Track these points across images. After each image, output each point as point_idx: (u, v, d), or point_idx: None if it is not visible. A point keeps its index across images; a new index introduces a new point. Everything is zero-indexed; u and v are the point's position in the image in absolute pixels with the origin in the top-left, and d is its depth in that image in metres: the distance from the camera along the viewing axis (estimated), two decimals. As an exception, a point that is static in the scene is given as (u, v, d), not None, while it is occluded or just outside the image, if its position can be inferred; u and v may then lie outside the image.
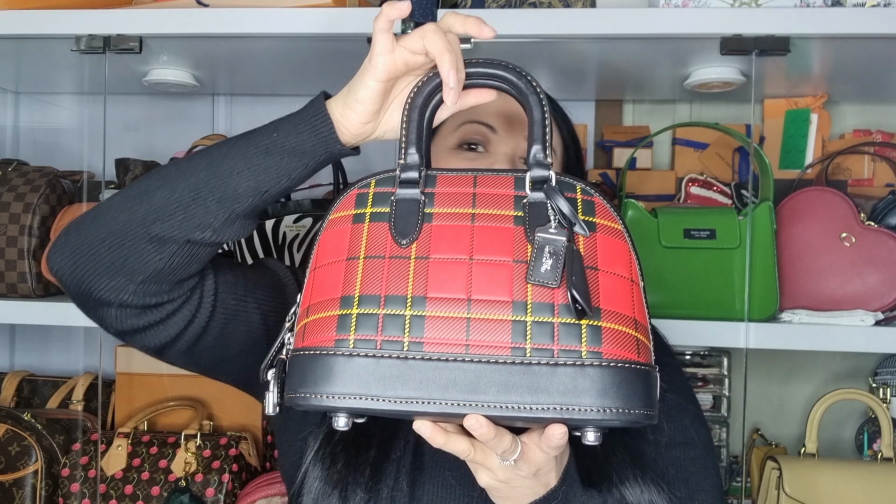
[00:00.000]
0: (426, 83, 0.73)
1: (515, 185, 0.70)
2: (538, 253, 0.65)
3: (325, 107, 0.75)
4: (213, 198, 0.74)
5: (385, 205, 0.70)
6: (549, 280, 0.64)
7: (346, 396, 0.64)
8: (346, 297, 0.67)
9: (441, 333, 0.64)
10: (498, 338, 0.63)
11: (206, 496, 1.33)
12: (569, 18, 1.18)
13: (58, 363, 1.73)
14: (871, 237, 1.23)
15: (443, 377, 0.63)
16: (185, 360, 0.84)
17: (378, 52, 0.71)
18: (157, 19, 1.25)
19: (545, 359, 0.63)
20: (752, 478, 1.43)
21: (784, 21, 1.14)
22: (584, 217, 0.68)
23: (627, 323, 0.65)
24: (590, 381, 0.62)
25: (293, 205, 1.35)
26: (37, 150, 1.78)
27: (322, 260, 0.71)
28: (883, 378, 1.44)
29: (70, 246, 0.76)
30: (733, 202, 1.43)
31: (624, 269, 0.67)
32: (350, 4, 1.28)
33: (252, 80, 1.57)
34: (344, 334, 0.65)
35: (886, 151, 1.46)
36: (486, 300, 0.64)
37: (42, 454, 1.39)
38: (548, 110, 0.70)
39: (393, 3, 0.71)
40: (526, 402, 0.62)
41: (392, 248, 0.68)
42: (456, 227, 0.68)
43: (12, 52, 1.41)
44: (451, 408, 0.63)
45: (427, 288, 0.65)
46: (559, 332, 0.63)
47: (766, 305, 1.21)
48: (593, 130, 1.64)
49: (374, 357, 0.64)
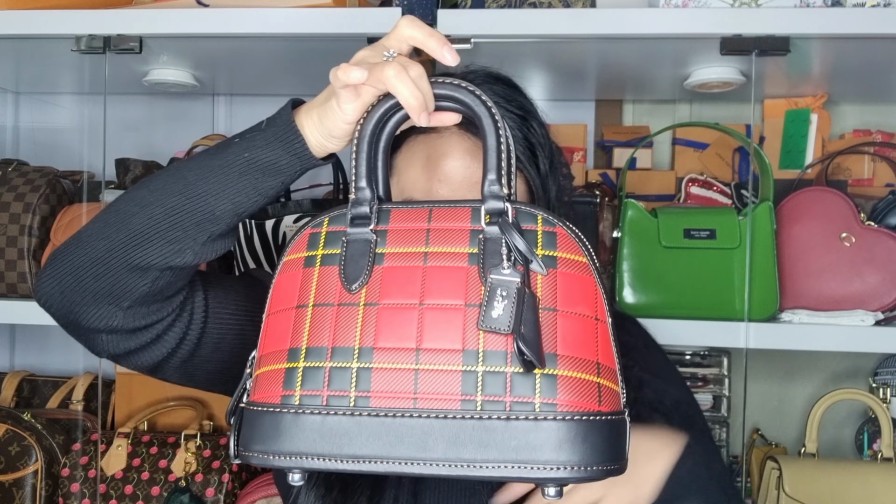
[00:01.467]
0: (374, 109, 0.69)
1: (472, 218, 0.65)
2: (490, 296, 0.60)
3: (294, 123, 0.72)
4: (191, 222, 0.73)
5: (337, 245, 0.67)
6: (500, 326, 0.59)
7: (294, 456, 0.61)
8: (293, 350, 0.64)
9: (388, 386, 0.61)
10: (447, 389, 0.60)
11: (206, 496, 1.33)
12: (569, 18, 1.18)
13: (58, 363, 1.73)
14: (871, 237, 1.23)
15: (390, 433, 0.60)
16: (180, 375, 0.83)
17: (344, 102, 0.69)
18: (157, 19, 1.25)
19: (497, 412, 0.58)
20: (752, 478, 1.43)
21: (784, 21, 1.14)
22: (543, 252, 0.63)
23: (588, 368, 0.60)
24: (544, 436, 0.58)
25: (293, 205, 1.35)
26: (37, 150, 1.78)
27: (274, 307, 0.68)
28: (883, 378, 1.44)
29: (57, 276, 0.75)
30: (733, 202, 1.43)
31: (587, 307, 0.62)
32: (350, 4, 1.28)
33: (252, 80, 1.57)
34: (290, 390, 0.63)
35: (886, 151, 1.46)
36: (435, 349, 0.61)
37: (42, 454, 1.39)
38: (505, 134, 0.65)
39: (348, 68, 0.66)
40: (477, 459, 0.58)
41: (341, 295, 0.65)
42: (407, 268, 0.64)
43: (12, 52, 1.41)
44: (400, 466, 0.59)
45: (376, 338, 0.62)
46: (512, 382, 0.59)
47: (766, 305, 1.21)
48: (593, 130, 1.64)
49: (321, 414, 0.61)
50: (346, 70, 0.67)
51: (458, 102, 0.68)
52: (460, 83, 0.67)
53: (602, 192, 1.43)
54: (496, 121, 0.65)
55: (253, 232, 1.38)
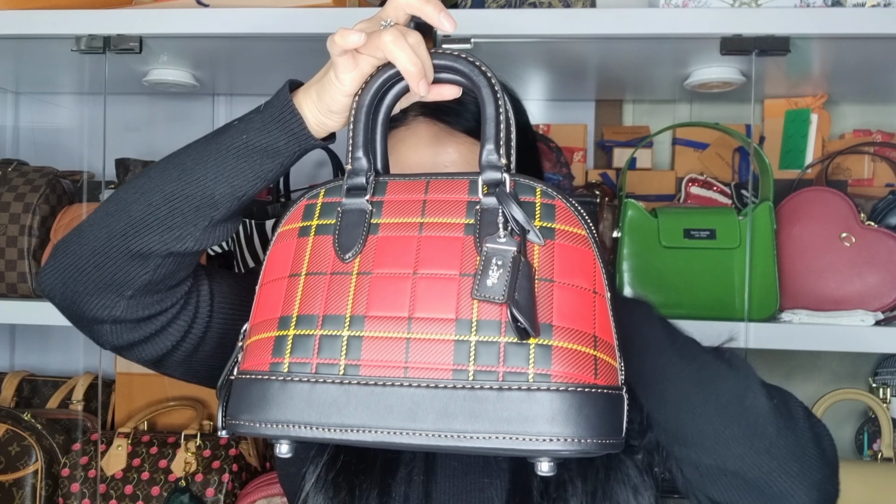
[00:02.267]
0: (373, 79, 0.68)
1: (469, 190, 0.65)
2: (485, 265, 0.59)
3: (292, 103, 0.72)
4: (190, 207, 0.72)
5: (332, 216, 0.66)
6: (495, 295, 0.58)
7: (282, 424, 0.60)
8: (284, 318, 0.63)
9: (379, 355, 0.60)
10: (438, 359, 0.59)
11: (206, 496, 1.33)
12: (569, 18, 1.18)
13: (58, 363, 1.73)
14: (871, 237, 1.23)
15: (380, 403, 0.59)
16: (183, 370, 0.83)
17: (342, 71, 0.68)
18: (157, 19, 1.25)
19: (489, 382, 0.57)
20: (752, 478, 1.43)
21: (784, 21, 1.14)
22: (541, 223, 0.62)
23: (584, 341, 0.59)
24: (538, 407, 0.56)
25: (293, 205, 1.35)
26: (37, 150, 1.78)
27: (268, 276, 0.67)
28: (883, 378, 1.44)
29: (58, 267, 0.75)
30: (733, 202, 1.43)
31: (585, 280, 0.61)
32: (350, 4, 1.28)
33: (252, 80, 1.57)
34: (279, 357, 0.62)
35: (886, 151, 1.46)
36: (427, 318, 0.60)
37: (42, 454, 1.39)
38: (504, 106, 0.64)
39: (345, 32, 0.66)
40: (467, 430, 0.57)
41: (334, 264, 0.64)
42: (402, 238, 0.63)
43: (12, 52, 1.41)
44: (388, 436, 0.58)
45: (368, 306, 0.61)
46: (505, 352, 0.58)
47: (766, 305, 1.21)
48: (593, 130, 1.64)
49: (310, 382, 0.60)
50: (343, 34, 0.66)
51: (457, 73, 0.67)
52: (459, 53, 0.66)
53: (602, 192, 1.43)
54: (495, 91, 0.65)
55: (253, 232, 1.38)
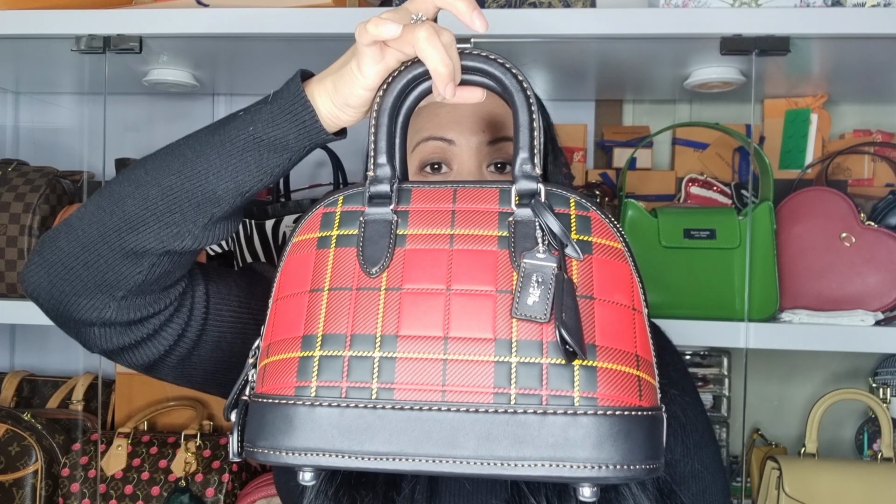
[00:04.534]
0: (397, 79, 0.64)
1: (500, 200, 0.61)
2: (524, 282, 0.56)
3: (304, 94, 0.67)
4: (189, 203, 0.67)
5: (353, 226, 0.62)
6: (536, 314, 0.56)
7: (308, 452, 0.57)
8: (308, 337, 0.59)
9: (414, 377, 0.56)
10: (478, 381, 0.55)
11: (206, 496, 1.33)
12: (569, 18, 1.18)
13: (58, 363, 1.73)
14: (871, 237, 1.23)
15: (416, 429, 0.55)
16: (177, 374, 0.79)
17: (367, 64, 0.63)
18: (157, 19, 1.25)
19: (532, 406, 0.54)
20: (752, 478, 1.43)
21: (784, 21, 1.14)
22: (578, 236, 0.59)
23: (628, 361, 0.56)
24: (584, 432, 0.54)
25: (293, 205, 1.35)
26: (37, 150, 1.78)
27: (284, 291, 0.63)
28: (883, 378, 1.44)
29: (44, 264, 0.70)
30: (733, 202, 1.43)
31: (624, 296, 0.58)
32: (350, 4, 1.28)
33: (252, 80, 1.57)
34: (305, 381, 0.58)
35: (886, 151, 1.46)
36: (464, 338, 0.56)
37: (42, 454, 1.39)
38: (537, 113, 0.61)
39: (380, 21, 0.61)
40: (511, 456, 0.54)
41: (360, 279, 0.60)
42: (432, 251, 0.60)
43: (12, 52, 1.41)
44: (427, 465, 0.55)
45: (399, 325, 0.57)
46: (548, 374, 0.55)
47: (766, 305, 1.21)
48: (593, 130, 1.64)
49: (339, 407, 0.56)
50: (378, 23, 0.61)
51: (488, 76, 0.63)
52: (490, 54, 0.63)
53: (602, 192, 1.43)
54: (528, 96, 0.61)
55: (253, 232, 1.38)
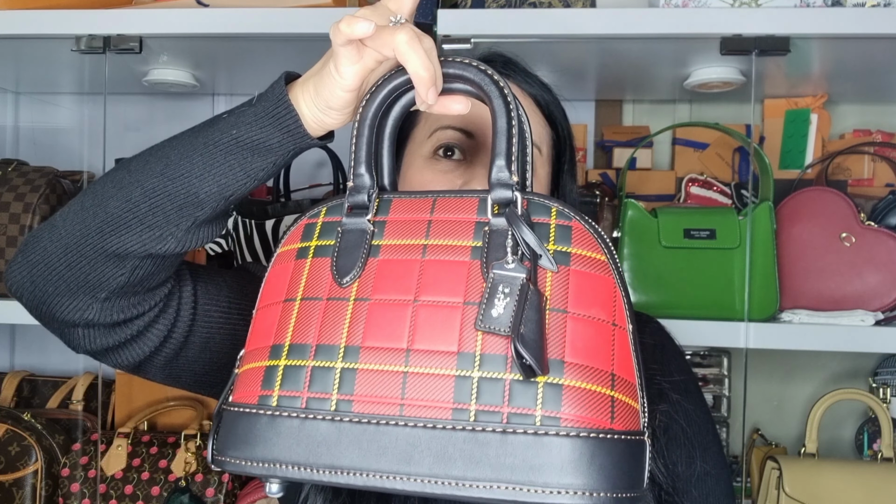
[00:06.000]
0: (380, 88, 0.63)
1: (479, 210, 0.59)
2: (490, 293, 0.54)
3: (287, 97, 0.66)
4: (172, 206, 0.66)
5: (331, 236, 0.62)
6: (500, 327, 0.52)
7: (269, 463, 0.56)
8: (276, 346, 0.59)
9: (373, 390, 0.54)
10: (437, 396, 0.53)
11: (206, 496, 1.33)
12: (569, 18, 1.18)
13: (58, 363, 1.73)
14: (871, 237, 1.23)
15: (372, 443, 0.53)
16: (165, 376, 0.78)
17: (343, 64, 0.62)
18: (157, 19, 1.25)
19: (492, 424, 0.51)
20: (752, 478, 1.43)
21: (784, 21, 1.14)
22: (556, 247, 0.56)
23: (601, 380, 0.52)
24: (546, 454, 0.50)
25: (293, 205, 1.35)
26: (37, 150, 1.78)
27: (263, 301, 0.63)
28: (883, 378, 1.44)
29: (27, 264, 0.69)
30: (733, 202, 1.43)
31: (604, 311, 0.55)
32: (350, 4, 1.28)
33: (252, 80, 1.57)
34: (268, 390, 0.57)
35: (886, 151, 1.46)
36: (427, 350, 0.54)
37: (42, 454, 1.39)
38: (517, 118, 0.59)
39: (352, 19, 0.59)
40: (466, 476, 0.51)
41: (331, 289, 0.59)
42: (404, 261, 0.58)
43: (12, 52, 1.41)
44: (380, 480, 0.53)
45: (364, 336, 0.56)
46: (510, 391, 0.52)
47: (766, 305, 1.21)
48: (593, 130, 1.64)
49: (299, 418, 0.55)
50: (350, 22, 0.59)
51: (468, 82, 0.61)
52: (470, 61, 0.61)
53: (602, 192, 1.43)
54: (508, 102, 0.59)
55: (253, 232, 1.37)
